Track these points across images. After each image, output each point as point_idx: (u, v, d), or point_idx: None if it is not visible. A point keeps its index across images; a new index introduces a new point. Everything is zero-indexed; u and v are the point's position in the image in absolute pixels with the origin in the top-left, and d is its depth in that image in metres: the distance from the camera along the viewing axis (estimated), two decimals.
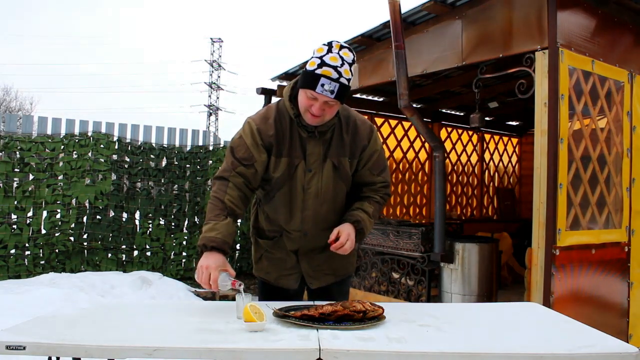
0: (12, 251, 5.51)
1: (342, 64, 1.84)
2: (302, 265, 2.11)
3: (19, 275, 5.46)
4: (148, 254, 6.26)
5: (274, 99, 5.76)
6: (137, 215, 6.31)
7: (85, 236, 5.93)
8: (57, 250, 5.70)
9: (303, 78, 1.89)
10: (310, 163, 1.98)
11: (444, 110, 7.02)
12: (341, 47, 1.88)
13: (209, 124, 37.72)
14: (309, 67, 1.87)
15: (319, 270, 2.12)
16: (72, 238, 5.80)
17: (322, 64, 1.83)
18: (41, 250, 5.63)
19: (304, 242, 2.08)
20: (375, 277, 4.83)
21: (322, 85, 1.81)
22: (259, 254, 2.19)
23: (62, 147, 5.85)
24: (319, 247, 2.08)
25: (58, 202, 5.75)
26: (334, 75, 1.82)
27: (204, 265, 1.79)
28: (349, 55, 1.87)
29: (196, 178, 6.65)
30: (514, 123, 7.95)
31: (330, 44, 1.88)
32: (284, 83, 5.70)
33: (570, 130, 3.33)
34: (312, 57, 1.89)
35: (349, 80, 1.87)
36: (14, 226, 5.53)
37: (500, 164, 7.98)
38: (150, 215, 6.33)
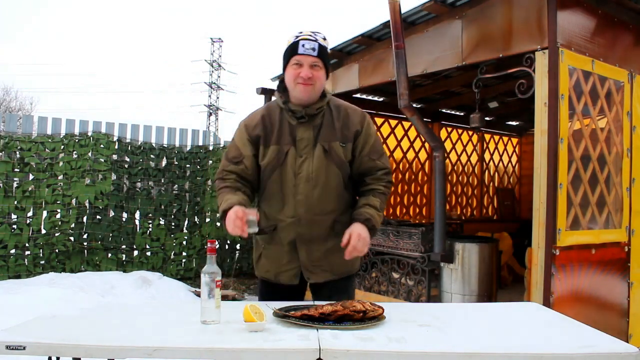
0: (12, 251, 5.51)
1: (316, 36, 2.04)
2: (301, 256, 2.08)
3: (19, 275, 5.46)
4: (148, 254, 6.26)
5: (274, 99, 5.76)
6: (137, 215, 6.31)
7: (85, 236, 5.93)
8: (57, 250, 5.70)
9: (285, 55, 2.04)
10: (301, 148, 2.03)
11: (444, 110, 7.02)
12: (311, 32, 2.08)
13: (209, 124, 37.65)
14: (286, 45, 2.05)
15: (317, 265, 2.09)
16: (72, 238, 5.80)
17: (298, 36, 2.03)
18: (41, 250, 5.63)
19: (299, 230, 2.04)
20: (375, 277, 4.83)
21: (303, 45, 1.98)
22: (258, 253, 2.19)
23: (62, 147, 5.85)
24: (317, 237, 2.05)
25: (58, 202, 5.75)
26: (312, 37, 2.01)
27: (228, 220, 1.87)
28: (319, 33, 2.07)
29: (196, 178, 6.64)
30: (514, 123, 7.95)
31: (300, 32, 2.08)
32: None
33: (570, 130, 3.33)
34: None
35: (326, 46, 2.05)
36: (14, 226, 5.53)
37: (500, 164, 7.98)
38: (150, 215, 6.33)
